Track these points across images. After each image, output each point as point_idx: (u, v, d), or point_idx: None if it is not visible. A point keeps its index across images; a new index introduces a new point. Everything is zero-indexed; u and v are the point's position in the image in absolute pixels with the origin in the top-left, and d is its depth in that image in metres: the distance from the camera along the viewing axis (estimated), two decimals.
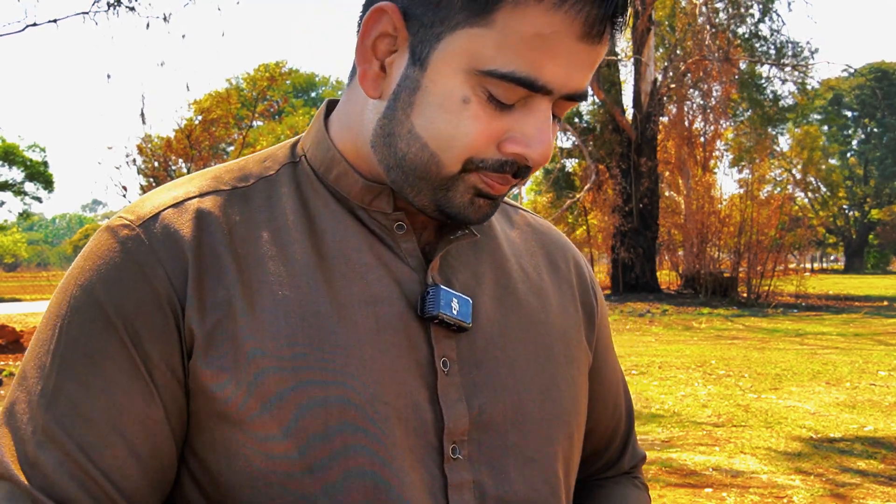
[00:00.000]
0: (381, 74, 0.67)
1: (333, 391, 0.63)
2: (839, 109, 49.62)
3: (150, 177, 16.75)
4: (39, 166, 37.14)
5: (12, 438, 0.61)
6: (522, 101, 0.64)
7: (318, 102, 56.81)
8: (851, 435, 4.95)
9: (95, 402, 0.61)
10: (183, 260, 0.64)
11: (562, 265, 0.84)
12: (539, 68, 0.61)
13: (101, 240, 0.66)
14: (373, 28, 0.66)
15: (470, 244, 0.77)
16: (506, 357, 0.72)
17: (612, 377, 0.88)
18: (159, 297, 0.63)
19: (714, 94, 20.41)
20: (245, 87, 24.48)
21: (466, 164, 0.65)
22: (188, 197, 0.69)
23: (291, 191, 0.72)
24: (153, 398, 0.63)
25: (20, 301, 21.38)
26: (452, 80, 0.63)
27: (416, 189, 0.67)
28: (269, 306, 0.64)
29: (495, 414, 0.70)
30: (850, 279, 34.00)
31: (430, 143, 0.65)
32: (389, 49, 0.66)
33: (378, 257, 0.70)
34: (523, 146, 0.64)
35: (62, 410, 0.61)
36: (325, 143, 0.73)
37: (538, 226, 0.87)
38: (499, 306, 0.74)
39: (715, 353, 8.88)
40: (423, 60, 0.64)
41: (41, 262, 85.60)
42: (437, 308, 0.67)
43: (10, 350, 8.85)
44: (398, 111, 0.66)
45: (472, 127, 0.63)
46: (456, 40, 0.62)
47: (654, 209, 18.93)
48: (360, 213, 0.71)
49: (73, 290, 0.65)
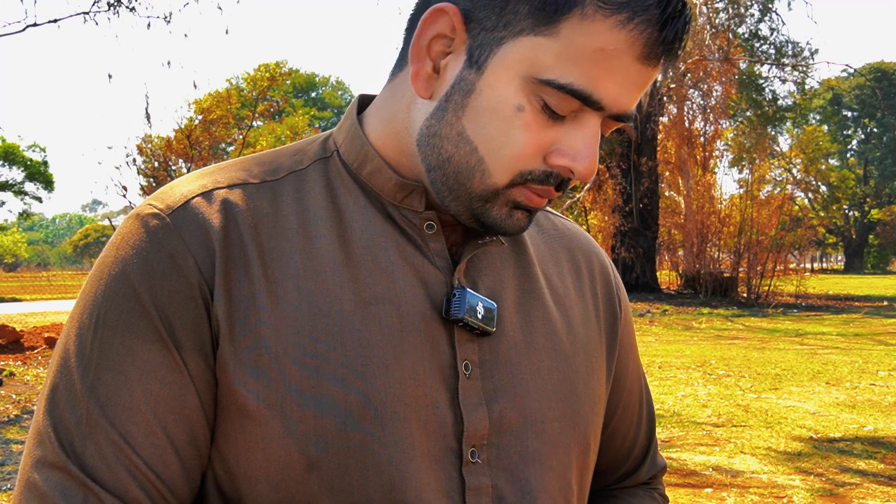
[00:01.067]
0: (433, 75, 0.67)
1: (354, 389, 0.63)
2: (839, 109, 49.64)
3: (150, 177, 16.75)
4: (39, 166, 37.13)
5: (58, 427, 0.62)
6: (573, 115, 0.64)
7: (319, 102, 56.80)
8: (851, 435, 4.95)
9: (134, 392, 0.62)
10: (210, 250, 0.64)
11: (585, 272, 0.83)
12: (596, 83, 0.62)
13: (131, 228, 0.66)
14: (430, 28, 0.66)
15: (496, 248, 0.76)
16: (527, 364, 0.72)
17: (633, 385, 0.87)
18: (191, 286, 0.63)
19: (714, 94, 20.42)
20: (245, 87, 24.49)
21: (515, 178, 0.65)
22: (217, 187, 0.69)
23: (321, 186, 0.71)
24: (188, 387, 0.63)
25: (20, 301, 21.38)
26: (509, 86, 0.63)
27: (454, 194, 0.67)
28: (293, 301, 0.65)
29: (515, 420, 0.69)
30: (850, 279, 34.00)
31: (479, 148, 0.65)
32: (444, 50, 0.66)
33: (405, 256, 0.69)
34: (570, 159, 0.64)
35: (103, 400, 0.62)
36: (359, 139, 0.73)
37: (566, 230, 0.86)
38: (522, 312, 0.74)
39: (715, 353, 8.88)
40: (480, 64, 0.64)
41: (41, 262, 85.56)
42: (462, 311, 0.67)
43: (10, 350, 8.85)
44: (449, 112, 0.66)
45: (523, 136, 0.63)
46: (518, 47, 0.62)
47: (654, 209, 18.94)
48: (390, 210, 0.71)
49: (108, 279, 0.65)
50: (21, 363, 8.03)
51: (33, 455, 0.63)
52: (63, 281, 36.01)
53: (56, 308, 17.10)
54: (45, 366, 7.91)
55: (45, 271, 62.82)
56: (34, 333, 9.71)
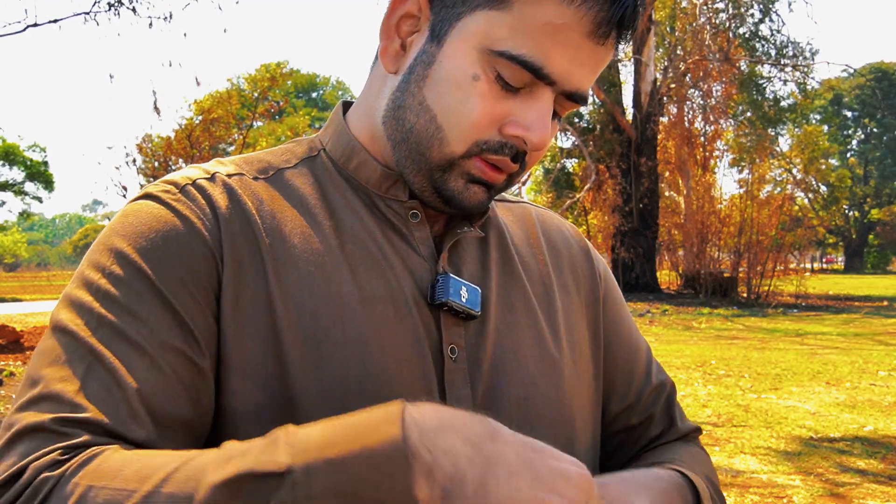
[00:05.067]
0: (400, 52, 0.72)
1: (353, 368, 0.65)
2: (839, 109, 49.64)
3: (150, 177, 16.74)
4: (39, 166, 37.14)
5: (54, 363, 0.59)
6: (527, 89, 0.67)
7: (319, 103, 56.80)
8: (851, 435, 4.95)
9: (141, 330, 0.61)
10: (219, 220, 0.67)
11: (563, 250, 0.86)
12: (547, 56, 0.65)
13: (141, 204, 0.67)
14: (399, 7, 0.71)
15: (478, 236, 0.79)
16: (512, 346, 0.74)
17: (629, 356, 0.87)
18: (206, 246, 0.65)
19: (714, 94, 20.42)
20: (246, 88, 24.49)
21: (471, 148, 0.68)
22: (218, 172, 0.72)
23: (310, 182, 0.74)
24: (196, 343, 0.63)
25: (20, 301, 21.38)
26: (466, 57, 0.67)
27: (417, 166, 0.70)
28: (295, 280, 0.67)
29: (500, 402, 0.71)
30: (850, 279, 34.00)
31: (438, 116, 0.68)
32: (412, 29, 0.71)
33: (393, 246, 0.72)
34: (523, 129, 0.67)
35: (109, 334, 0.60)
36: (345, 135, 0.77)
37: (539, 214, 0.90)
38: (506, 297, 0.77)
39: (715, 353, 8.88)
40: (440, 37, 0.68)
41: (41, 262, 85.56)
42: (446, 295, 0.70)
43: (10, 350, 8.85)
44: (412, 84, 0.70)
45: (478, 104, 0.67)
46: (474, 20, 0.66)
47: (654, 209, 18.93)
48: (377, 201, 0.74)
49: (116, 242, 0.65)
50: (21, 363, 8.03)
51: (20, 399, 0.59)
52: (63, 281, 36.00)
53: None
54: None
55: (45, 271, 62.84)
56: (34, 333, 9.71)
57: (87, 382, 0.58)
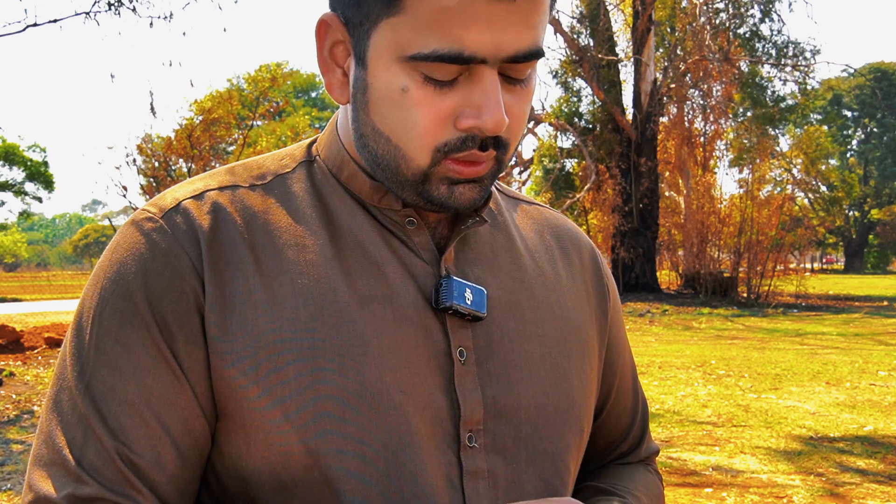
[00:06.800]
0: (344, 80, 0.70)
1: (351, 378, 0.65)
2: (839, 109, 49.62)
3: (150, 177, 16.72)
4: (39, 166, 37.11)
5: (60, 426, 0.65)
6: (464, 76, 0.64)
7: (319, 103, 56.79)
8: (851, 435, 4.95)
9: (128, 386, 0.64)
10: (201, 247, 0.67)
11: (575, 259, 0.85)
12: (460, 41, 0.61)
13: (126, 233, 0.69)
14: (325, 38, 0.69)
15: (486, 239, 0.78)
16: (520, 349, 0.74)
17: (625, 371, 0.89)
18: (184, 283, 0.66)
19: (714, 94, 20.41)
20: (246, 88, 24.48)
21: (435, 155, 0.66)
22: (208, 189, 0.72)
23: (308, 187, 0.74)
24: (181, 379, 0.65)
25: (20, 301, 21.38)
26: (388, 72, 0.64)
27: (398, 185, 0.69)
28: (288, 294, 0.67)
29: (509, 404, 0.71)
30: (850, 279, 34.00)
31: (392, 138, 0.66)
32: (345, 54, 0.69)
33: (393, 251, 0.72)
34: (475, 118, 0.64)
35: (98, 396, 0.64)
36: (336, 145, 0.75)
37: (553, 219, 0.88)
38: (514, 299, 0.76)
39: (715, 353, 8.88)
40: (363, 59, 0.66)
41: (41, 262, 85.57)
42: (450, 299, 0.69)
43: (10, 350, 8.85)
44: (359, 112, 0.68)
45: (419, 113, 0.64)
46: (380, 33, 0.64)
47: (654, 209, 18.93)
48: (372, 211, 0.73)
49: (104, 282, 0.68)
50: (21, 363, 8.03)
51: (36, 455, 0.66)
52: (63, 281, 36.00)
53: (56, 308, 17.10)
54: (45, 366, 7.92)
55: (45, 271, 62.86)
56: (34, 333, 9.71)
57: (84, 453, 0.63)
